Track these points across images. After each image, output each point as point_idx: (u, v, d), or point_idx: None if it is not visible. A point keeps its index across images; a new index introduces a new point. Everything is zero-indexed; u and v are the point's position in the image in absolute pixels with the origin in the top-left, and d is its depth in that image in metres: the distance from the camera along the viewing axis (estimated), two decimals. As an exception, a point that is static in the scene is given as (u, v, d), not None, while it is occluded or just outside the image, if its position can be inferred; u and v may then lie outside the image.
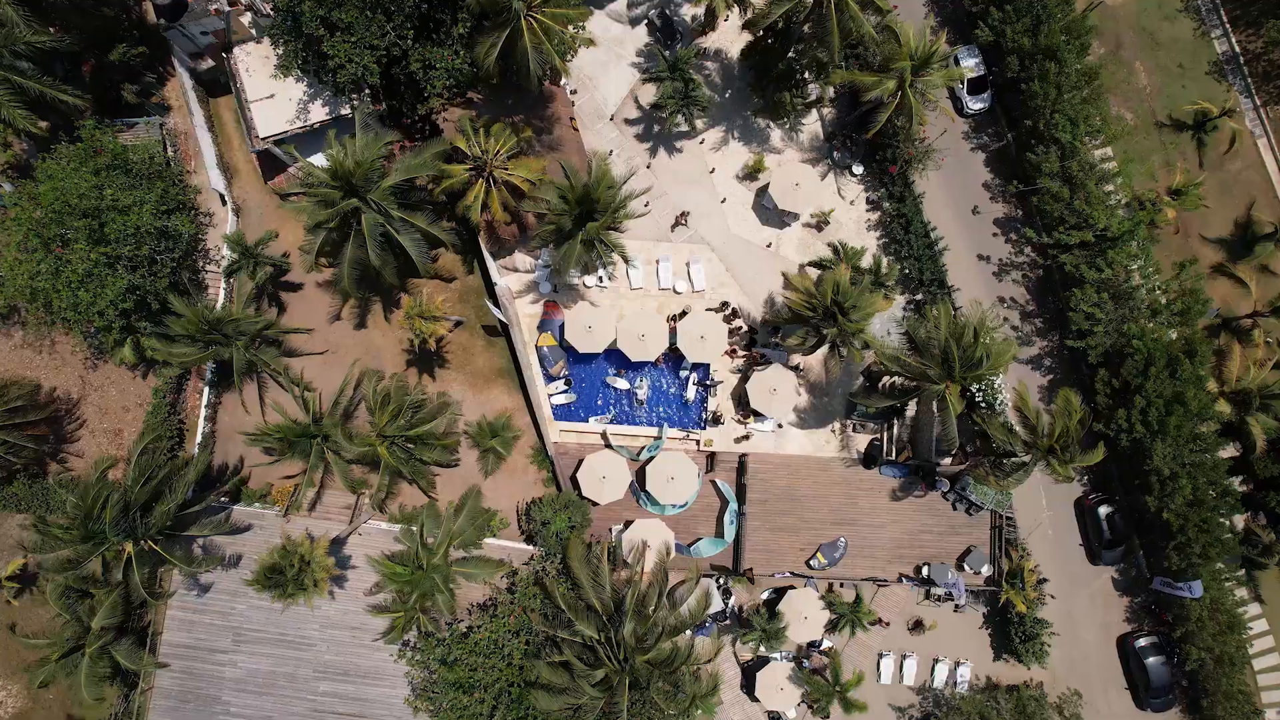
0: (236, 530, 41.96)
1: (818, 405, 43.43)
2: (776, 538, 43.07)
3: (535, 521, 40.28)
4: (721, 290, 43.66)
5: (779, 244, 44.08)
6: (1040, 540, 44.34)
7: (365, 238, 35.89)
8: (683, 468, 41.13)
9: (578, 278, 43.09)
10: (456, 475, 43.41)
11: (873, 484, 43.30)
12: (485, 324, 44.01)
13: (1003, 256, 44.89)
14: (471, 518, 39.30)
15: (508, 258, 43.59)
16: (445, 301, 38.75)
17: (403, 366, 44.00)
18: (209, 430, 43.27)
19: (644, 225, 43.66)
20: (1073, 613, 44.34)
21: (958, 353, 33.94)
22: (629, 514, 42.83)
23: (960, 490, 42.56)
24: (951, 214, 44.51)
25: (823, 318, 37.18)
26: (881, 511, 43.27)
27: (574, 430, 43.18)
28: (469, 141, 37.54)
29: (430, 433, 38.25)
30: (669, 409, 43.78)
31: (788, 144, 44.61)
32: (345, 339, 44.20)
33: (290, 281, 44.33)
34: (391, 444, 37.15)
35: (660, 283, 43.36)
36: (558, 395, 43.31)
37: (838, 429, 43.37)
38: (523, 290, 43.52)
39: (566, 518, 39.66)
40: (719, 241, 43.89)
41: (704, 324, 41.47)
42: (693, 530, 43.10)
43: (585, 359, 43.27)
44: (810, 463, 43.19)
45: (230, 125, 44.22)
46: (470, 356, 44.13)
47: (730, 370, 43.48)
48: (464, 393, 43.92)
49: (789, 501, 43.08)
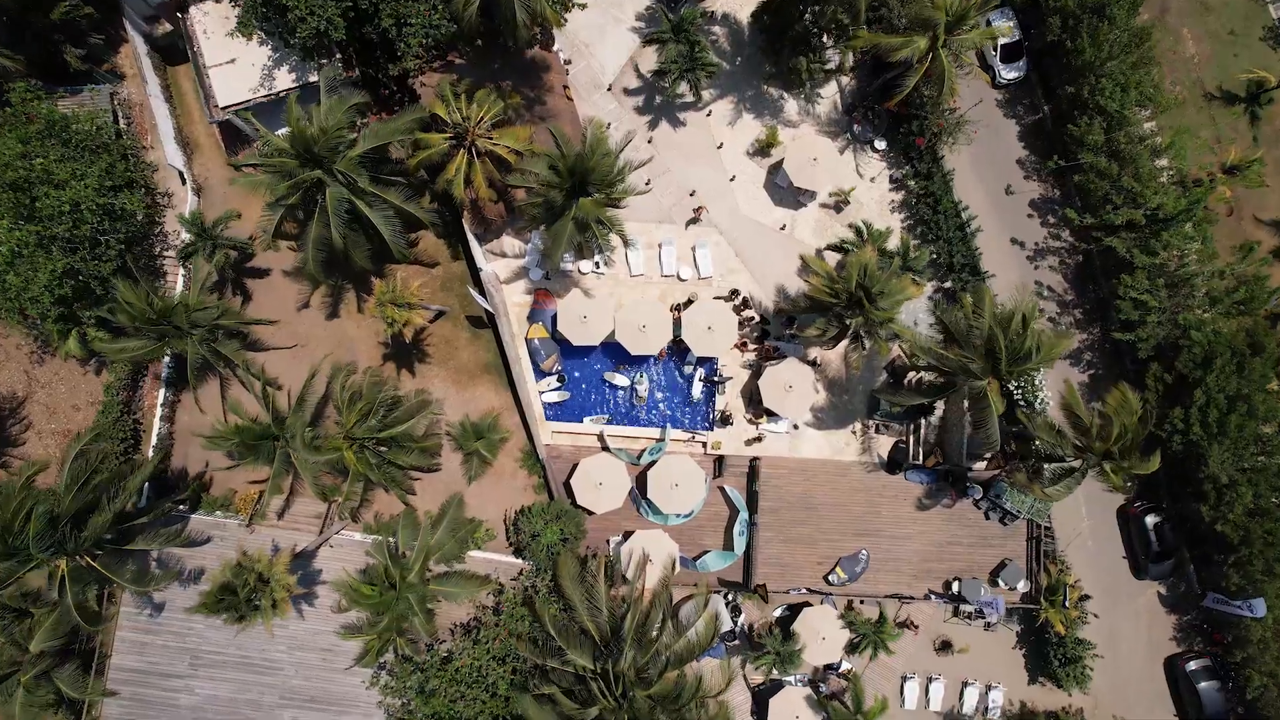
0: (194, 542, 37.32)
1: (837, 404, 38.88)
2: (791, 550, 38.52)
3: (524, 534, 35.72)
4: (731, 277, 39.09)
5: (794, 226, 39.51)
6: (1079, 552, 39.77)
7: (330, 214, 31.32)
8: (688, 473, 36.59)
9: (571, 263, 38.54)
10: (438, 481, 38.86)
11: (897, 491, 38.76)
12: (470, 314, 39.46)
13: (1038, 240, 40.32)
14: (452, 529, 34.73)
15: (494, 241, 39.04)
16: (423, 287, 34.15)
17: (379, 361, 39.44)
18: (165, 432, 38.65)
19: (645, 206, 39.09)
20: (1116, 631, 39.75)
21: (1004, 343, 29.31)
22: (628, 524, 38.28)
23: (994, 498, 38.02)
24: (982, 194, 39.94)
25: (846, 305, 32.62)
26: (906, 521, 38.73)
27: (567, 431, 38.62)
28: (448, 107, 32.97)
29: (406, 434, 33.68)
30: (672, 408, 39.23)
31: (803, 117, 40.04)
32: (316, 331, 39.63)
33: (256, 268, 39.73)
34: (361, 447, 32.56)
35: (663, 269, 38.81)
36: (549, 393, 38.75)
37: (858, 430, 38.82)
38: (511, 277, 38.98)
39: (558, 529, 35.09)
40: (728, 223, 39.34)
41: (711, 314, 36.91)
42: (699, 542, 38.55)
43: (580, 353, 38.71)
44: (828, 467, 38.64)
45: (190, 96, 39.60)
46: (453, 350, 39.56)
47: (740, 365, 38.92)
48: (446, 390, 39.35)
49: (805, 510, 38.53)
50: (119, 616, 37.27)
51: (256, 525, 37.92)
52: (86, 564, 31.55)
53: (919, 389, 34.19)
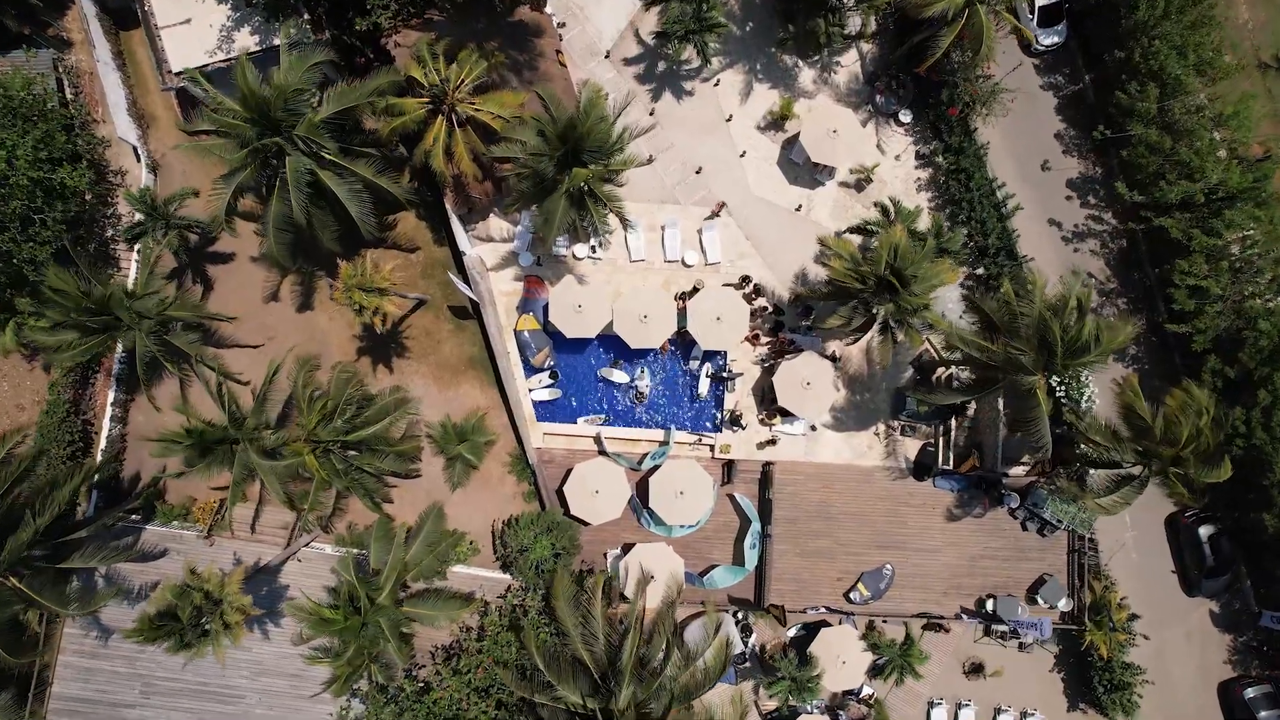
0: (147, 556, 33.24)
1: (858, 403, 34.72)
2: (809, 565, 34.38)
3: (510, 548, 31.58)
4: (741, 263, 34.93)
5: (810, 206, 35.34)
6: (1124, 565, 35.62)
7: (290, 187, 27.17)
8: (694, 480, 32.46)
9: (565, 247, 34.39)
10: (418, 489, 34.71)
11: (925, 499, 34.60)
12: (454, 304, 35.32)
13: (1077, 222, 36.14)
14: (430, 543, 30.62)
15: (480, 223, 34.88)
16: (395, 270, 29.96)
17: (352, 356, 35.30)
18: (118, 434, 34.57)
19: (646, 184, 34.98)
20: (1164, 653, 35.59)
21: (1060, 334, 25.10)
22: (628, 536, 34.13)
23: (1031, 506, 33.86)
24: (1016, 170, 35.75)
25: (874, 291, 28.47)
26: (935, 532, 34.57)
27: (560, 433, 34.48)
28: (425, 69, 28.81)
29: (378, 437, 29.51)
30: (677, 407, 35.08)
31: (820, 87, 35.86)
32: (285, 323, 35.48)
33: (219, 253, 35.59)
34: (324, 451, 28.38)
35: (666, 253, 34.65)
36: (541, 390, 34.61)
37: (882, 432, 34.67)
38: (499, 263, 34.82)
39: (549, 543, 30.96)
40: (738, 203, 35.16)
41: (720, 303, 32.77)
42: (706, 555, 34.41)
43: (574, 346, 34.57)
44: (849, 473, 34.50)
45: (145, 65, 35.39)
46: (435, 344, 35.40)
47: (752, 360, 34.77)
48: (427, 388, 35.21)
49: (823, 521, 34.38)
50: (62, 640, 33.19)
51: (217, 537, 33.88)
52: (13, 585, 27.41)
53: (956, 387, 29.97)
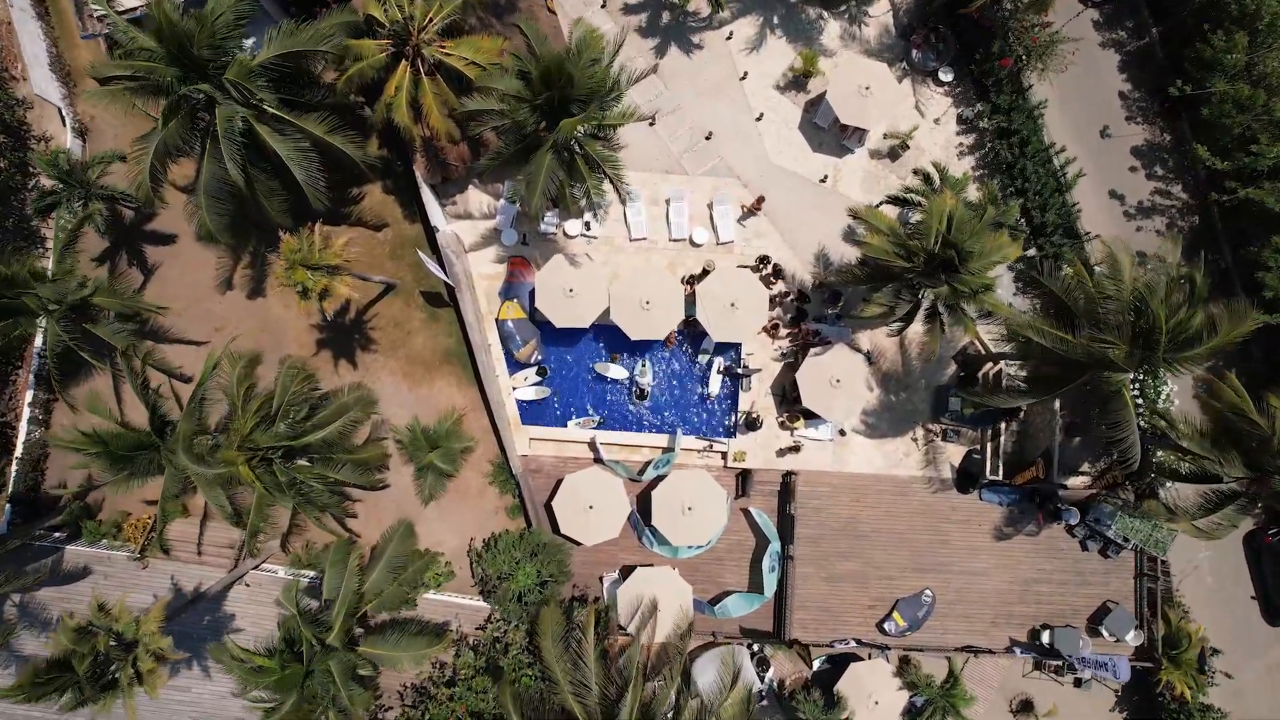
0: (71, 578, 28.32)
1: (893, 404, 29.65)
2: (836, 590, 29.30)
3: (489, 576, 26.51)
4: (758, 242, 29.86)
5: (837, 177, 30.25)
6: (1196, 590, 30.56)
7: (220, 142, 22.10)
8: (704, 493, 27.42)
9: (554, 224, 29.32)
10: (388, 501, 29.65)
11: (969, 514, 29.53)
12: (427, 289, 30.27)
13: (1142, 197, 31.03)
14: (394, 569, 25.57)
15: (458, 195, 29.81)
16: (359, 249, 24.78)
17: (311, 349, 30.27)
18: (37, 438, 29.50)
19: (648, 151, 29.95)
20: (1243, 692, 30.51)
21: (1165, 322, 19.95)
22: (626, 557, 29.07)
23: (1093, 523, 28.79)
24: (1072, 136, 30.62)
25: (923, 271, 23.36)
26: (982, 552, 29.50)
27: (549, 438, 29.40)
28: (385, 4, 23.73)
29: (331, 442, 24.43)
30: (684, 408, 30.02)
31: (847, 42, 30.77)
32: (235, 313, 30.42)
33: (159, 232, 30.53)
34: (265, 460, 23.26)
35: (671, 231, 29.58)
36: (527, 389, 29.55)
37: (920, 437, 29.59)
38: (478, 242, 29.75)
39: (534, 571, 25.88)
40: (754, 173, 30.08)
41: (734, 288, 27.70)
42: (718, 580, 29.33)
43: (566, 337, 29.52)
44: (883, 484, 29.42)
45: (69, 13, 30.29)
46: (406, 335, 30.32)
47: (771, 354, 29.70)
48: (396, 385, 30.15)
49: (853, 539, 29.31)
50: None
51: (151, 558, 28.84)
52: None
53: (1017, 387, 24.74)
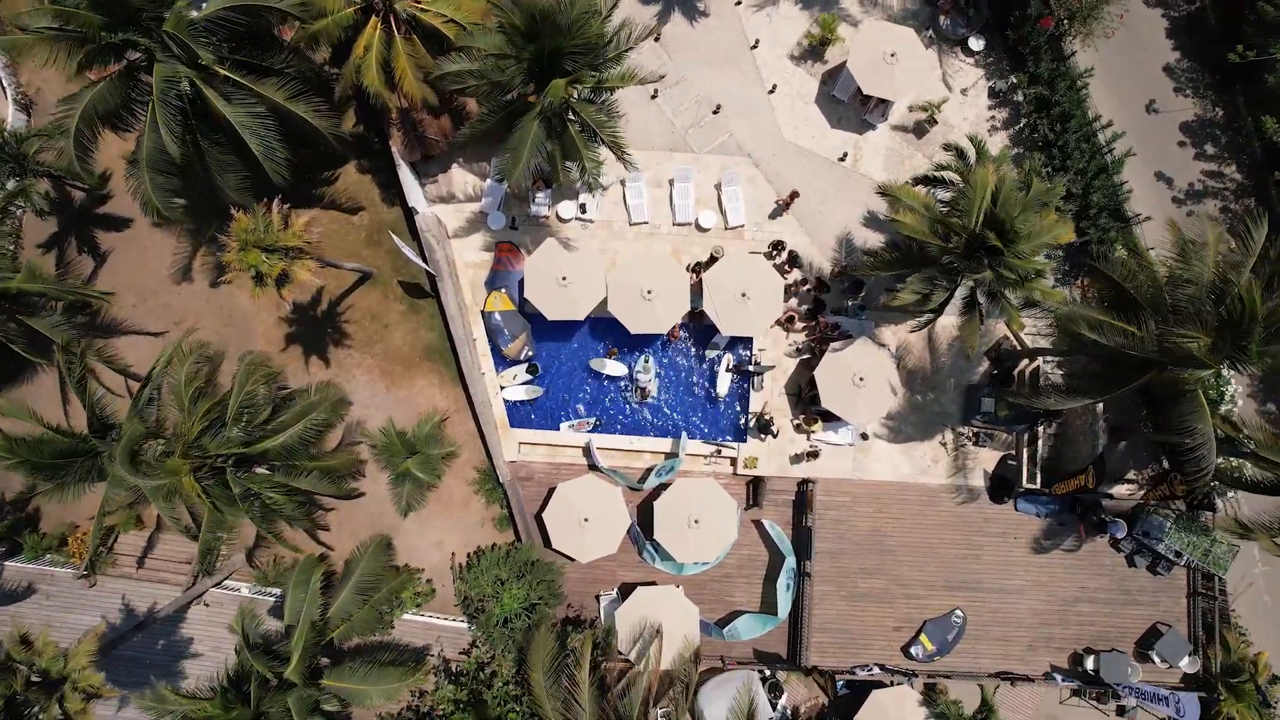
0: (11, 598, 25.42)
1: (920, 404, 26.66)
2: (858, 611, 26.31)
3: (470, 600, 23.52)
4: (771, 226, 26.87)
5: (858, 155, 27.26)
6: (1251, 609, 27.56)
7: (156, 105, 19.13)
8: (711, 503, 24.43)
9: (545, 205, 26.33)
10: (364, 512, 26.72)
11: (1004, 526, 26.54)
12: (407, 279, 27.31)
13: (1192, 178, 28.06)
14: (363, 589, 22.58)
15: (441, 175, 26.82)
16: (313, 225, 21.75)
17: (280, 345, 27.31)
18: (-26, 443, 26.55)
19: (650, 126, 26.99)
20: (1303, 721, 27.56)
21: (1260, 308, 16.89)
22: (626, 574, 26.10)
23: (1142, 536, 25.78)
24: (1115, 109, 27.56)
25: (963, 254, 20.35)
26: (1018, 568, 26.51)
27: (541, 442, 26.44)
28: (352, -48, 20.78)
29: (292, 448, 21.42)
30: (689, 409, 27.04)
31: (869, 8, 27.80)
32: (196, 305, 27.48)
33: (112, 216, 27.59)
34: (211, 469, 20.26)
35: (676, 214, 26.60)
36: (516, 388, 26.59)
37: (950, 441, 26.60)
38: (463, 226, 26.77)
39: (522, 593, 22.88)
40: (767, 151, 27.10)
41: (745, 276, 24.72)
42: (727, 599, 26.34)
43: (558, 331, 26.55)
44: (909, 493, 26.43)
45: (13, -28, 27.50)
46: (383, 329, 27.35)
47: (786, 350, 26.72)
48: (373, 384, 27.18)
49: (877, 554, 26.33)
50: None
51: (100, 574, 25.88)
52: None
53: (1073, 386, 21.67)
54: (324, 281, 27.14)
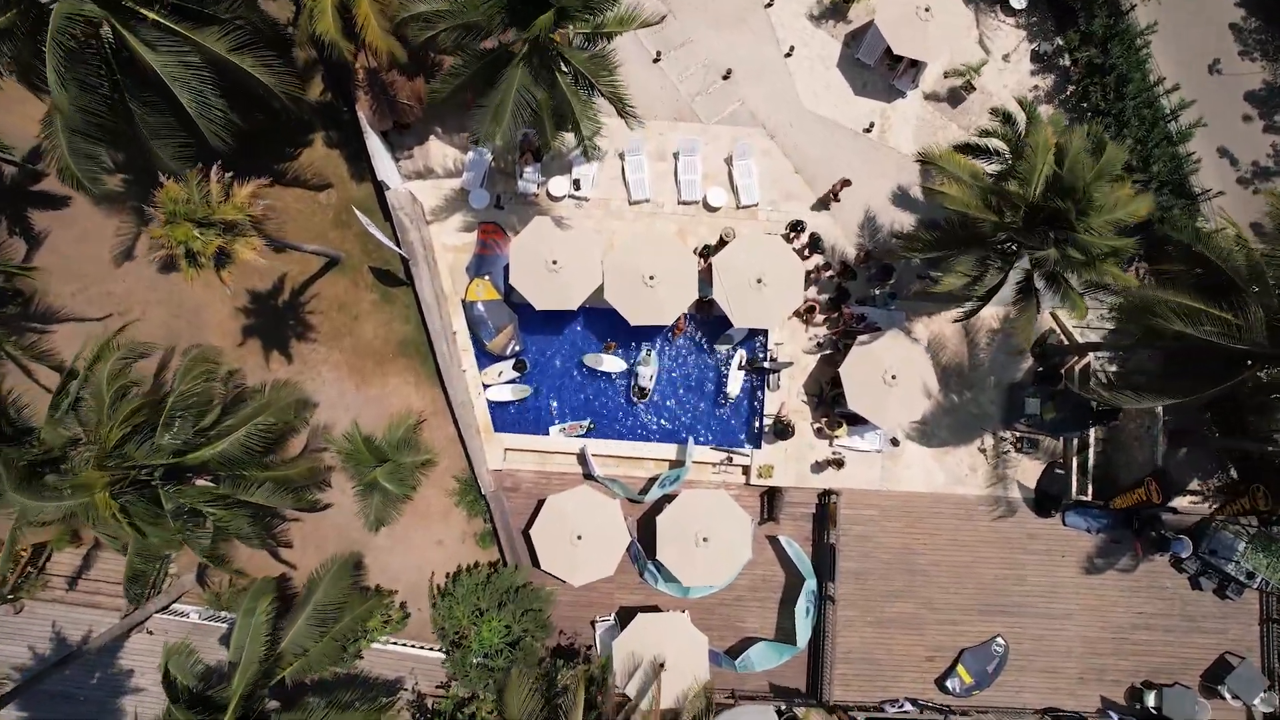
0: (-73, 627, 22.21)
1: (956, 405, 23.47)
2: (886, 638, 23.09)
3: (445, 632, 20.29)
4: (788, 206, 23.66)
5: (886, 126, 24.05)
6: (1323, 635, 24.40)
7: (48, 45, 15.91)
8: (722, 518, 21.23)
9: (535, 181, 23.12)
10: (330, 524, 23.54)
11: (1051, 543, 23.33)
12: (379, 265, 24.09)
13: (1258, 156, 24.81)
14: (321, 619, 19.36)
15: (417, 148, 23.63)
16: (260, 197, 18.38)
17: (236, 338, 24.09)
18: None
19: (652, 93, 23.80)
20: (1385, 761, 24.34)
21: None
22: (625, 597, 22.89)
23: (1209, 555, 22.60)
24: (1171, 74, 24.44)
25: (1021, 229, 17.15)
26: (1067, 591, 23.28)
27: (529, 448, 23.22)
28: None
29: (232, 457, 18.20)
30: (697, 412, 23.81)
31: (896, -38, 24.61)
32: (142, 292, 24.24)
33: (49, 194, 24.34)
34: (135, 482, 17.03)
35: (681, 191, 23.39)
36: (501, 387, 23.37)
37: (989, 447, 23.40)
38: (441, 205, 23.55)
39: (502, 624, 19.64)
40: (783, 121, 23.89)
41: (760, 260, 21.47)
42: (738, 626, 23.12)
43: (549, 323, 23.34)
44: (944, 506, 23.23)
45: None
46: (352, 321, 24.12)
47: (806, 345, 23.51)
48: (341, 383, 23.96)
49: (907, 575, 23.12)
50: None
51: (30, 598, 22.67)
52: None
53: (1153, 383, 18.44)
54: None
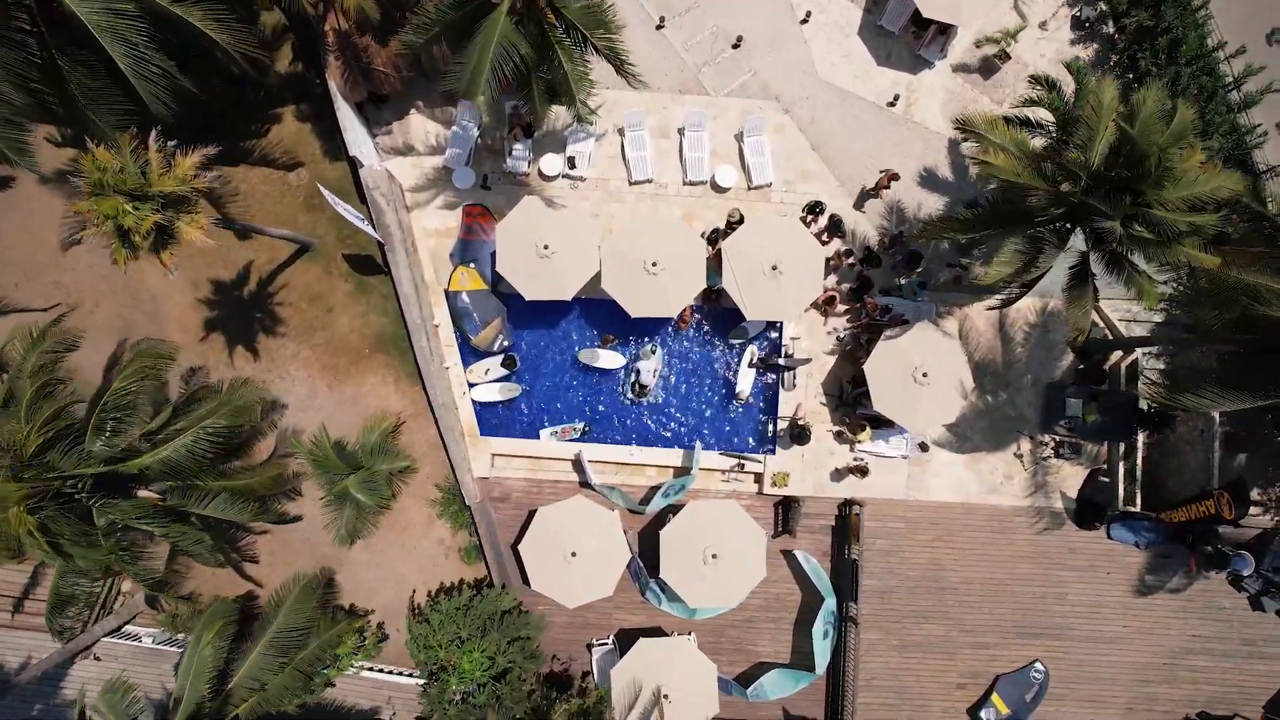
0: None
1: (990, 406, 21.10)
2: (913, 663, 20.73)
3: (421, 664, 17.93)
4: (804, 186, 21.27)
5: (912, 99, 21.69)
6: (1391, 658, 22.05)
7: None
8: (732, 531, 18.85)
9: (525, 158, 20.75)
10: (300, 538, 21.18)
11: (1095, 559, 20.95)
12: (355, 252, 21.74)
13: (1317, 132, 22.52)
14: (282, 649, 17.00)
15: (396, 122, 21.28)
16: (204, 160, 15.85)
17: (198, 332, 21.72)
18: None
19: (655, 62, 21.42)
20: None
21: None
22: (625, 618, 20.52)
23: (1272, 573, 20.24)
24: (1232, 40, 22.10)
25: (1080, 203, 14.77)
26: (1112, 612, 20.92)
27: (518, 454, 20.84)
28: None
29: (176, 464, 15.85)
30: (703, 413, 21.41)
31: (922, -79, 22.26)
32: (94, 282, 21.87)
33: (-8, 173, 22.10)
34: (58, 495, 14.67)
35: (687, 171, 21.01)
36: (487, 386, 20.99)
37: (1026, 453, 21.03)
38: (422, 184, 21.18)
39: (486, 653, 17.26)
40: (798, 93, 21.52)
41: (775, 244, 19.10)
42: (749, 650, 20.74)
43: (539, 315, 20.93)
44: (976, 517, 20.85)
45: None
46: (326, 314, 21.74)
47: (825, 341, 21.13)
48: (312, 381, 21.58)
49: (936, 593, 20.75)
50: None
51: (-35, 621, 20.33)
52: None
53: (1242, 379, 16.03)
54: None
